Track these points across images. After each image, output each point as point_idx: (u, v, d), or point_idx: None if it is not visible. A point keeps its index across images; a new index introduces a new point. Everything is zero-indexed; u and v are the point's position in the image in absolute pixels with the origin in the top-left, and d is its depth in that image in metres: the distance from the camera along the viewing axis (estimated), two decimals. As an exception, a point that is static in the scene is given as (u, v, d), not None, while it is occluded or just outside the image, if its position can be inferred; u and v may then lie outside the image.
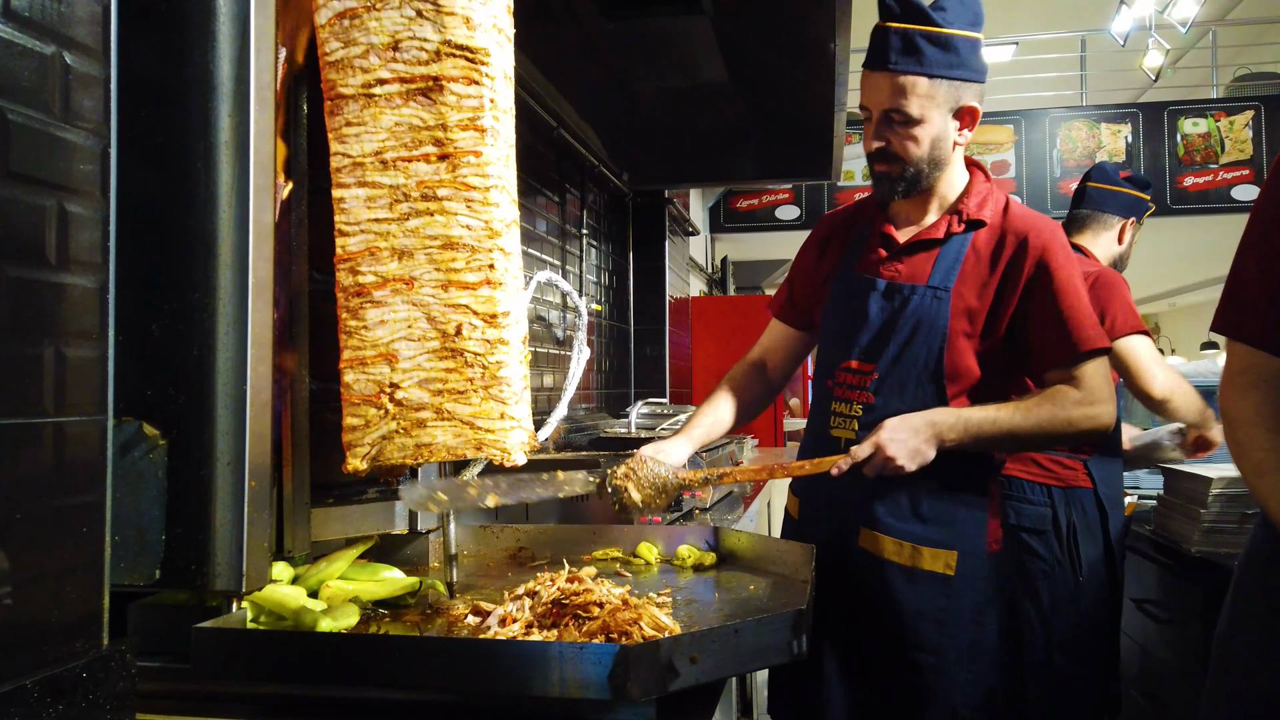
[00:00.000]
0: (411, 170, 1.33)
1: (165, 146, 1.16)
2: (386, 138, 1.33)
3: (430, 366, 1.34)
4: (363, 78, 1.32)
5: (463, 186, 1.35)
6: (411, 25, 1.33)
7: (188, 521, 1.14)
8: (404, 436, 1.34)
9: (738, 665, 1.10)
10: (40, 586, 0.89)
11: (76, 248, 0.94)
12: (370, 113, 1.33)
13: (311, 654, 1.11)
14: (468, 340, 1.34)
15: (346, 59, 1.32)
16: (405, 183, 1.33)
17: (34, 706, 0.86)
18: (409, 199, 1.33)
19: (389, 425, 1.33)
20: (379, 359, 1.33)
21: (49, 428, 0.90)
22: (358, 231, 1.33)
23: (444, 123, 1.34)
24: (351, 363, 1.33)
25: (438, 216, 1.34)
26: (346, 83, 1.32)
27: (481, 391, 1.35)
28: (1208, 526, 2.33)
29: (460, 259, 1.34)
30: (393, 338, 1.33)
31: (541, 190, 3.68)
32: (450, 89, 1.33)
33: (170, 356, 1.15)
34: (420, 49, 1.33)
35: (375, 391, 1.33)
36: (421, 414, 1.34)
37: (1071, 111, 7.98)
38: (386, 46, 1.32)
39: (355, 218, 1.33)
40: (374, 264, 1.33)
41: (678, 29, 3.02)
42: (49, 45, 0.91)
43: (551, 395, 3.55)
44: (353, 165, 1.33)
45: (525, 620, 1.24)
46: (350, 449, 1.35)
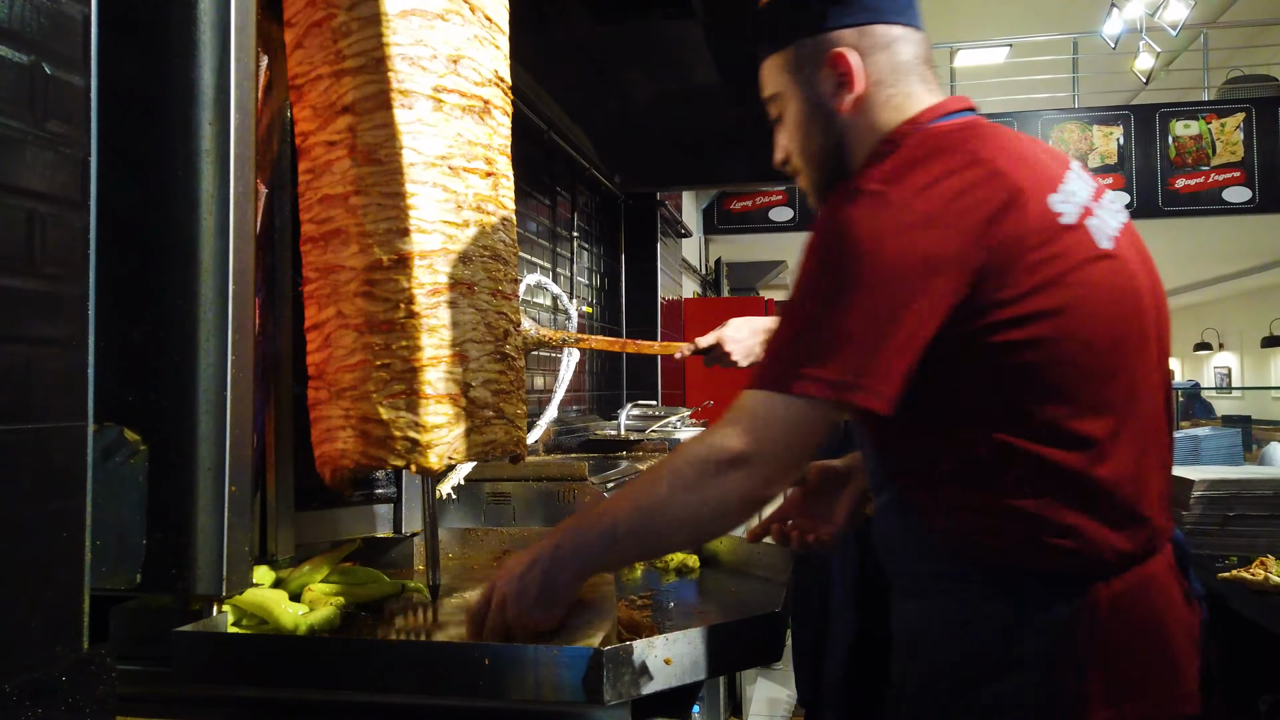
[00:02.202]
0: (469, 181, 1.40)
1: (146, 154, 1.16)
2: (452, 145, 1.37)
3: (490, 368, 1.41)
4: (434, 80, 1.36)
5: (501, 205, 1.47)
6: (470, 45, 1.41)
7: (169, 526, 1.15)
8: (475, 434, 1.38)
9: (712, 668, 1.11)
10: (20, 590, 0.89)
11: (57, 255, 0.95)
12: (439, 116, 1.36)
13: (292, 657, 1.12)
14: (509, 345, 1.45)
15: (417, 58, 1.34)
16: (464, 192, 1.39)
17: (13, 710, 0.87)
18: (468, 207, 1.40)
19: (465, 423, 1.37)
20: (455, 358, 1.36)
21: (30, 433, 0.91)
22: (433, 230, 1.35)
23: (489, 144, 1.44)
24: (434, 360, 1.33)
25: (486, 229, 1.43)
26: (417, 80, 1.34)
27: (517, 393, 1.47)
28: (1190, 528, 2.35)
29: (502, 271, 1.45)
30: (464, 338, 1.37)
31: (532, 193, 3.69)
32: (493, 114, 1.45)
33: (151, 362, 1.16)
34: (475, 70, 1.41)
35: (457, 390, 1.35)
36: (486, 412, 1.39)
37: (1063, 113, 8.01)
38: (450, 59, 1.38)
39: (429, 216, 1.34)
40: (446, 265, 1.36)
41: (668, 32, 3.04)
42: (28, 55, 0.92)
43: (542, 397, 3.56)
44: (426, 165, 1.34)
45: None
46: (430, 448, 1.32)
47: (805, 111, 1.24)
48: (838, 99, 1.21)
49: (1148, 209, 7.78)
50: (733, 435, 1.05)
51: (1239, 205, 7.70)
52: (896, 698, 1.19)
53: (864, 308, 1.01)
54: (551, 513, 2.15)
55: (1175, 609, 1.15)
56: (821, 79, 1.21)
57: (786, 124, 1.27)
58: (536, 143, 3.70)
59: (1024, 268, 1.04)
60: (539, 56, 3.16)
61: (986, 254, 1.03)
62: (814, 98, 1.22)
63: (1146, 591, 1.12)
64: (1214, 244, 9.60)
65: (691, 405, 4.63)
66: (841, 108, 1.20)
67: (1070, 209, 1.10)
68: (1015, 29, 9.19)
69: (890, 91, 1.20)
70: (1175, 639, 1.14)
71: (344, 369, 1.33)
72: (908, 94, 1.21)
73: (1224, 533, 2.31)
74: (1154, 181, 7.76)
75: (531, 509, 2.12)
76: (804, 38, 1.22)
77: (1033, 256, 1.05)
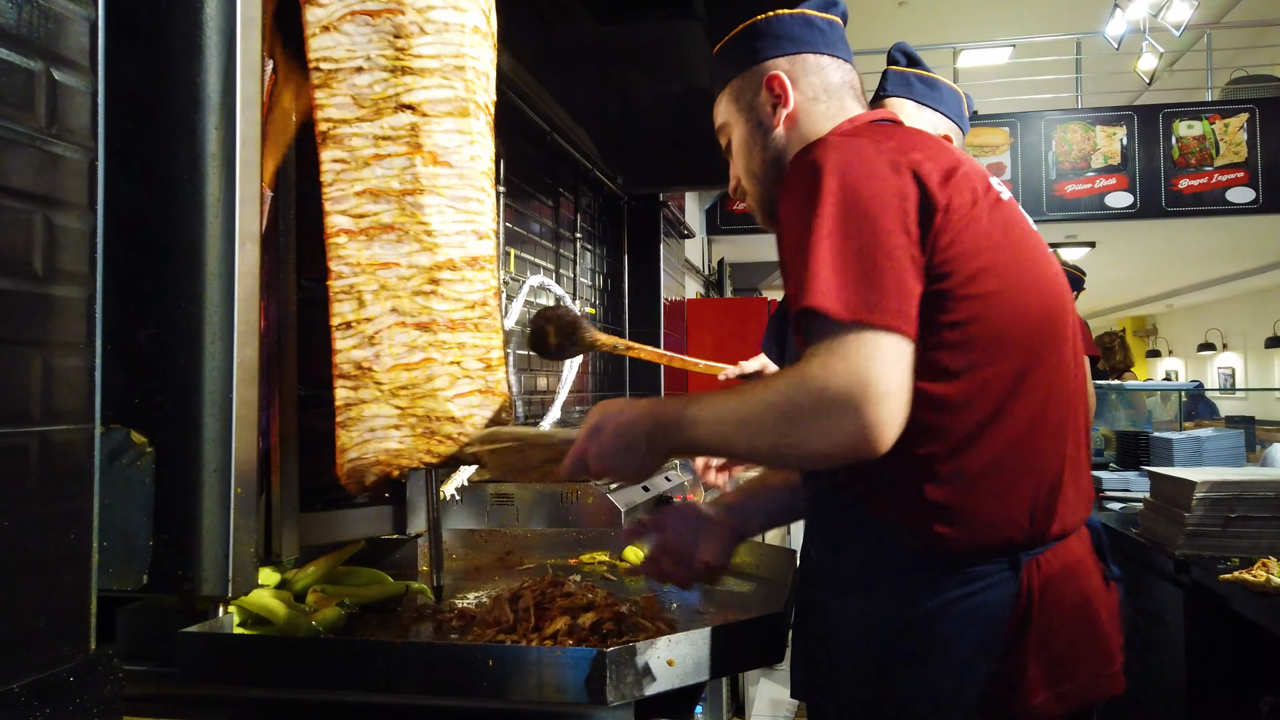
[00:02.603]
0: (493, 194, 1.46)
1: (152, 158, 1.17)
2: (490, 158, 1.43)
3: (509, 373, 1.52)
4: (485, 97, 1.40)
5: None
6: (492, 69, 1.45)
7: (175, 527, 1.16)
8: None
9: (715, 669, 1.11)
10: (28, 591, 0.90)
11: (64, 259, 0.96)
12: (487, 130, 1.42)
13: (297, 658, 1.13)
14: None
15: (479, 71, 1.40)
16: (491, 204, 1.45)
17: (21, 710, 0.87)
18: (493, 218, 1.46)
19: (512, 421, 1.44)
20: (504, 361, 1.43)
21: (37, 435, 0.92)
22: (492, 236, 1.42)
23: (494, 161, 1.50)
24: (500, 361, 1.41)
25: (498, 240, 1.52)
26: (479, 93, 1.39)
27: None
28: (1191, 530, 2.35)
29: None
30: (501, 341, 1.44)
31: (534, 194, 3.69)
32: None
33: (157, 365, 1.17)
34: (492, 93, 1.46)
35: (508, 390, 1.43)
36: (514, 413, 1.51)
37: (1067, 114, 8.00)
38: (489, 77, 1.43)
39: (490, 223, 1.42)
40: (497, 270, 1.42)
41: (670, 32, 3.04)
42: (36, 60, 0.93)
43: (545, 398, 3.57)
44: (485, 174, 1.40)
45: (506, 622, 1.25)
46: None
47: (747, 132, 1.35)
48: (775, 117, 1.33)
49: (1151, 209, 7.77)
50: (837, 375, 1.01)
51: (1242, 206, 7.68)
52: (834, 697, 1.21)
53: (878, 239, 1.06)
54: (555, 514, 2.15)
55: (1099, 592, 1.20)
56: (760, 102, 1.34)
57: (734, 149, 1.38)
58: (539, 144, 3.70)
59: (973, 227, 1.10)
60: (541, 57, 3.16)
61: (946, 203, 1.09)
62: (754, 119, 1.35)
63: (1076, 574, 1.17)
64: (1217, 244, 9.58)
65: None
66: (778, 123, 1.33)
67: (1002, 190, 1.20)
68: (1018, 29, 9.18)
69: (824, 106, 1.33)
70: (1102, 619, 1.19)
71: (401, 367, 1.33)
72: (840, 107, 1.33)
73: (1226, 534, 2.31)
74: (1157, 182, 7.75)
75: (535, 510, 2.12)
76: (744, 70, 1.36)
77: (984, 219, 1.11)
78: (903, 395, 1.02)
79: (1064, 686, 1.12)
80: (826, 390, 1.01)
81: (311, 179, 1.45)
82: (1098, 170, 7.80)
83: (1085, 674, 1.15)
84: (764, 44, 1.35)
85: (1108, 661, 1.18)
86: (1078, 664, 1.14)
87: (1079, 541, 1.20)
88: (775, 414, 1.04)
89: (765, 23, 1.36)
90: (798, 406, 1.03)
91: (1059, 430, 1.16)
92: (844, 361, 1.01)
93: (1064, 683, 1.12)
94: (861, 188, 1.08)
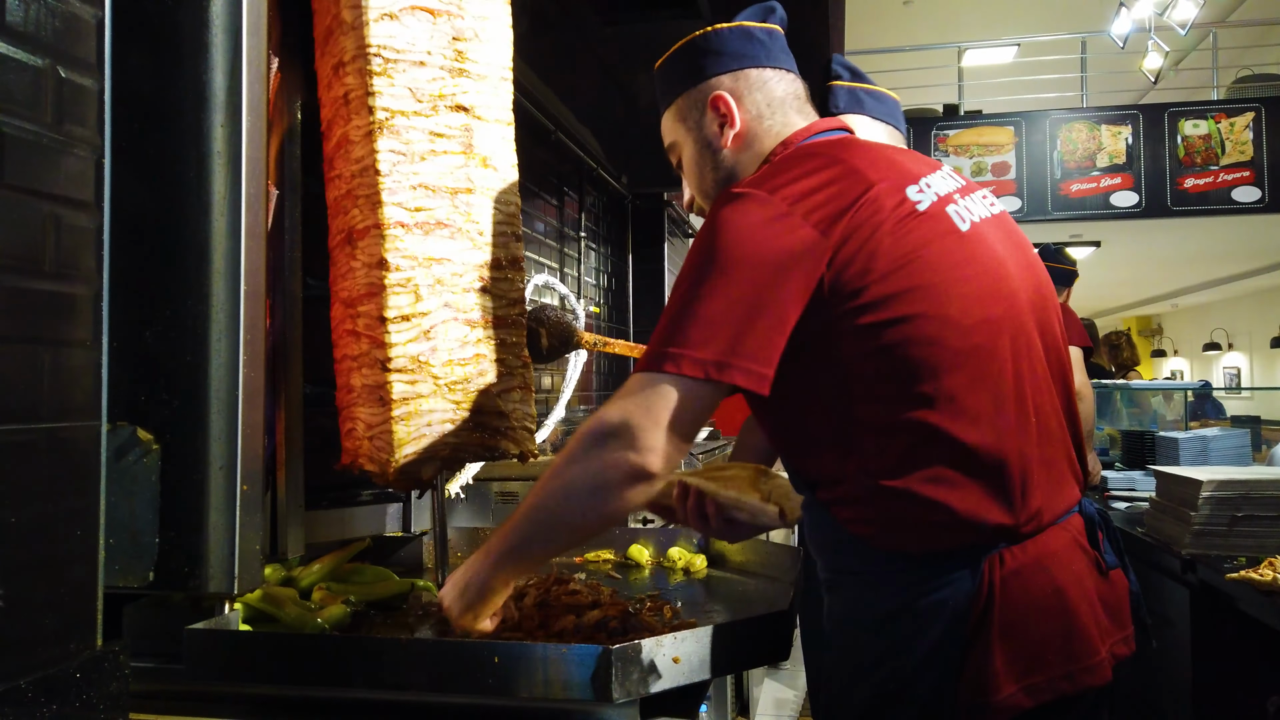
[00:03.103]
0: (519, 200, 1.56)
1: (158, 157, 1.17)
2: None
3: None
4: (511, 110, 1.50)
5: None
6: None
7: (181, 525, 1.16)
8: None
9: (720, 666, 1.11)
10: (35, 588, 0.90)
11: (71, 256, 0.96)
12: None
13: (302, 655, 1.13)
14: None
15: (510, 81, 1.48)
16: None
17: (28, 706, 0.88)
18: None
19: None
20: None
21: (44, 433, 0.92)
22: (523, 238, 1.50)
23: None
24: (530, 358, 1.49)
25: None
26: (509, 102, 1.48)
27: None
28: (1198, 529, 2.34)
29: None
30: None
31: (539, 193, 3.70)
32: None
33: (164, 362, 1.17)
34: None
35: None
36: None
37: (1072, 113, 7.98)
38: None
39: (522, 225, 1.49)
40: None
41: (675, 33, 3.04)
42: (43, 58, 0.93)
43: (550, 397, 3.57)
44: (517, 181, 1.50)
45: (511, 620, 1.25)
46: (536, 436, 1.49)
47: (697, 152, 1.37)
48: (723, 137, 1.34)
49: (1156, 209, 7.75)
50: (613, 410, 1.10)
51: (1248, 205, 7.66)
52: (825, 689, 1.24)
53: (734, 294, 1.10)
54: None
55: (1080, 582, 1.18)
56: (707, 122, 1.35)
57: (685, 168, 1.40)
58: (544, 143, 3.70)
59: (881, 252, 1.11)
60: (546, 57, 3.17)
61: (842, 241, 1.11)
62: (702, 139, 1.36)
63: (1045, 567, 1.15)
64: (1223, 244, 9.56)
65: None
66: (726, 144, 1.34)
67: (926, 197, 1.18)
68: (1023, 28, 9.16)
69: (769, 123, 1.34)
70: (1079, 612, 1.16)
71: (456, 362, 1.36)
72: (784, 123, 1.34)
73: (1233, 533, 2.30)
74: (1163, 181, 7.72)
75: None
76: (688, 88, 1.36)
77: (887, 241, 1.12)
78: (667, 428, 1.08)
79: (1034, 679, 1.12)
80: (599, 423, 1.10)
81: (317, 177, 1.46)
82: (1103, 169, 7.78)
83: (1058, 667, 1.13)
84: (706, 61, 1.35)
85: (1087, 653, 1.15)
86: (1049, 657, 1.13)
87: (1061, 532, 1.18)
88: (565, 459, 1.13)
89: (705, 39, 1.36)
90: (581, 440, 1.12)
91: (1018, 430, 1.14)
92: (619, 401, 1.11)
93: (1034, 675, 1.12)
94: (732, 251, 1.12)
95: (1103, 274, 11.62)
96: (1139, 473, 3.50)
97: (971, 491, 1.12)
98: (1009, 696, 1.11)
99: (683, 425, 1.09)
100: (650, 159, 4.55)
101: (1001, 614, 1.12)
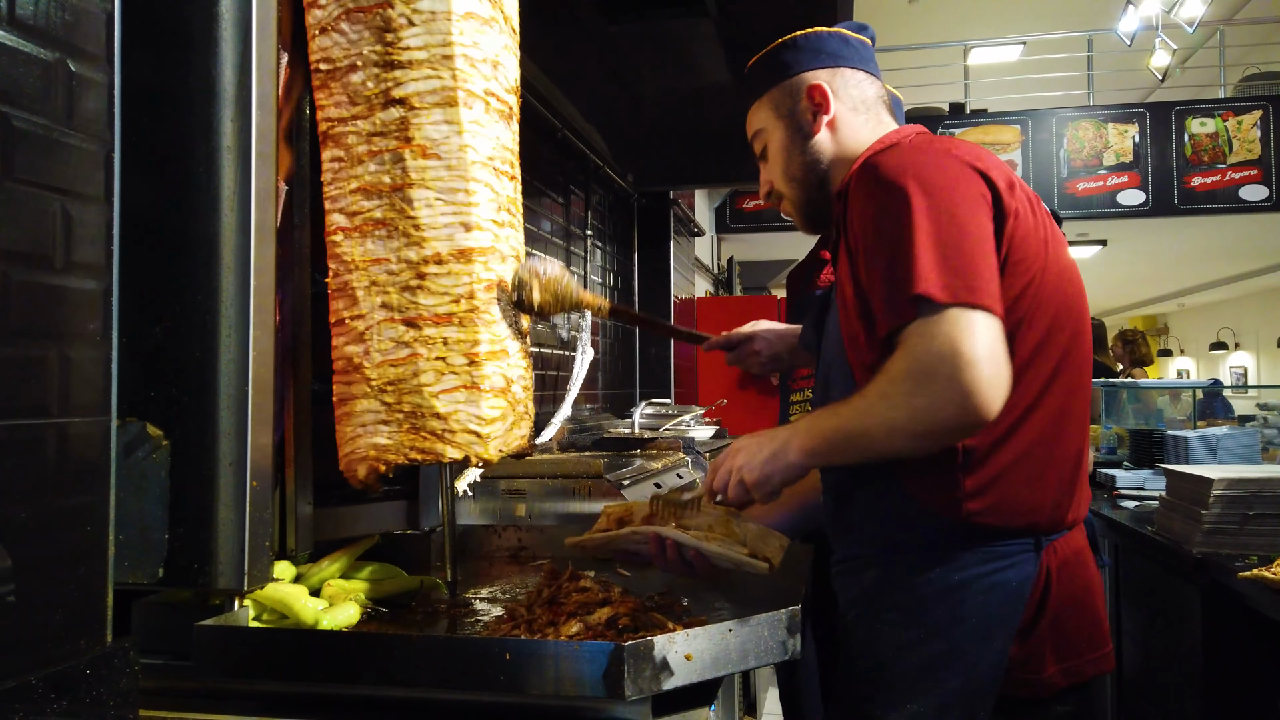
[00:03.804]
0: (503, 184, 1.42)
1: (168, 151, 1.17)
2: (494, 147, 1.40)
3: (522, 365, 1.44)
4: (483, 84, 1.37)
5: (519, 209, 1.49)
6: (504, 54, 1.43)
7: (190, 521, 1.16)
8: (516, 428, 1.42)
9: (733, 663, 1.11)
10: (44, 584, 0.90)
11: (80, 251, 0.96)
12: (489, 118, 1.39)
13: (312, 652, 1.12)
14: (528, 345, 1.48)
15: (475, 59, 1.36)
16: (502, 194, 1.41)
17: (38, 703, 0.87)
18: (503, 209, 1.42)
19: (511, 417, 1.40)
20: (504, 353, 1.38)
21: (53, 428, 0.92)
22: (487, 228, 1.36)
23: (515, 150, 1.47)
24: (490, 355, 1.35)
25: (514, 230, 1.46)
26: (474, 82, 1.36)
27: (532, 391, 1.50)
28: (1209, 528, 2.33)
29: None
30: (507, 335, 1.40)
31: (546, 191, 3.69)
32: (514, 122, 1.47)
33: (173, 358, 1.17)
34: (507, 79, 1.44)
35: (505, 385, 1.38)
36: (519, 408, 1.43)
37: (1078, 111, 7.96)
38: (493, 64, 1.40)
39: (485, 214, 1.36)
40: (495, 262, 1.38)
41: (681, 30, 3.04)
42: (53, 52, 0.93)
43: (556, 396, 3.56)
44: (481, 164, 1.36)
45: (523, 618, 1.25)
46: (490, 440, 1.34)
47: (787, 138, 1.43)
48: (816, 123, 1.41)
49: (1164, 207, 7.73)
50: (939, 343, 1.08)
51: (1256, 203, 7.64)
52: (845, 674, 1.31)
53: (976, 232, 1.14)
54: (567, 509, 2.15)
55: (1097, 579, 1.32)
56: (800, 110, 1.42)
57: (770, 155, 1.46)
58: (550, 141, 3.70)
59: (1029, 229, 1.19)
60: (553, 55, 3.16)
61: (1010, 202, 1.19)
62: (794, 125, 1.43)
63: (1082, 561, 1.28)
64: (1230, 242, 9.53)
65: (704, 404, 4.63)
66: (818, 130, 1.41)
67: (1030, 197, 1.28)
68: (1029, 26, 9.14)
69: (863, 118, 1.41)
70: (1099, 604, 1.31)
71: (389, 363, 1.33)
72: (879, 121, 1.42)
73: (1244, 532, 2.29)
74: (1170, 179, 7.70)
75: (547, 506, 2.12)
76: (782, 80, 1.44)
77: (1031, 219, 1.20)
78: (996, 362, 1.08)
79: (1069, 663, 1.25)
80: (920, 363, 1.09)
81: (326, 173, 1.45)
82: (1110, 168, 7.76)
83: (1087, 652, 1.26)
84: (803, 57, 1.44)
85: (1102, 642, 1.29)
86: (1080, 643, 1.26)
87: (1079, 532, 1.31)
88: (884, 401, 1.12)
89: (805, 38, 1.45)
90: (899, 383, 1.11)
91: (1080, 422, 1.26)
92: (934, 338, 1.09)
93: (1069, 659, 1.25)
94: (947, 189, 1.16)
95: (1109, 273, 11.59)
96: (1148, 471, 3.48)
97: (1053, 479, 1.21)
98: (1050, 676, 1.23)
99: (1007, 362, 1.10)
100: (656, 157, 4.54)
101: (1056, 599, 1.22)
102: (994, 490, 1.19)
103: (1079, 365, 1.26)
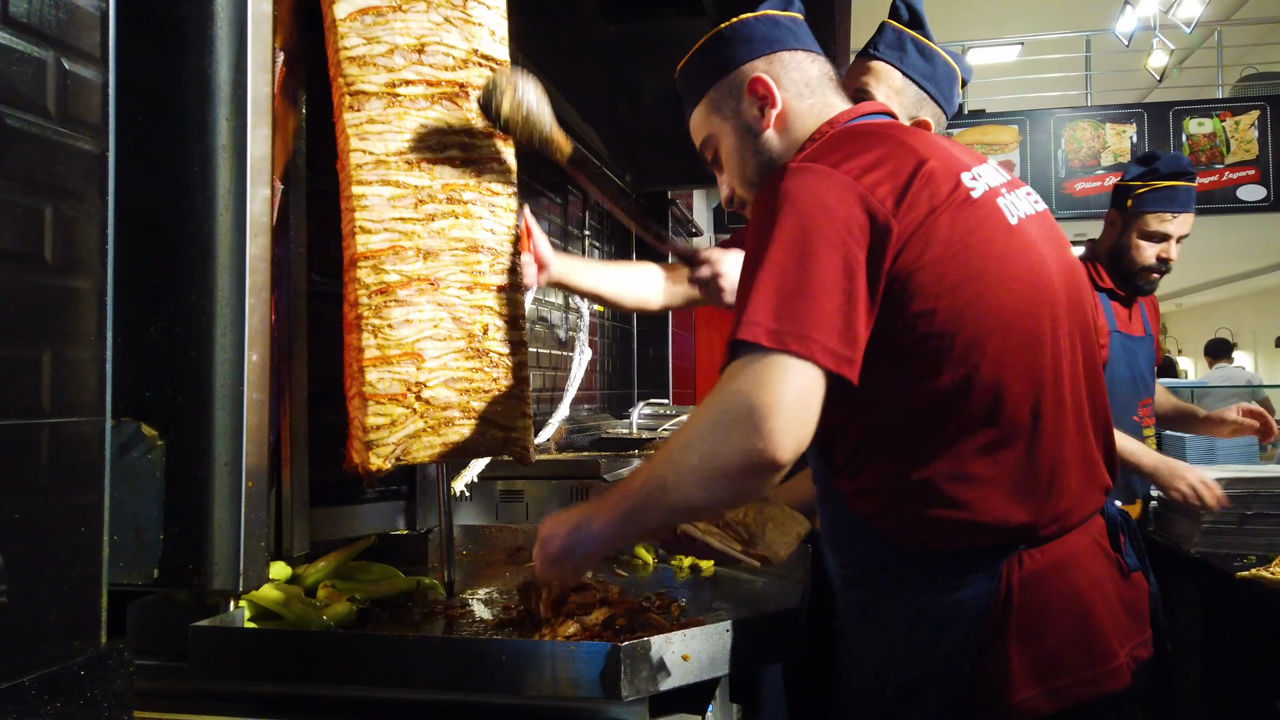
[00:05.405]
0: (436, 172, 1.36)
1: (163, 150, 1.17)
2: (411, 139, 1.35)
3: (456, 366, 1.36)
4: (387, 76, 1.34)
5: (487, 191, 1.41)
6: (439, 30, 1.37)
7: (186, 521, 1.15)
8: (431, 435, 1.35)
9: (730, 664, 1.10)
10: (39, 585, 0.89)
11: (75, 250, 0.95)
12: (395, 112, 1.34)
13: (308, 653, 1.12)
14: (492, 341, 1.40)
15: (368, 56, 1.33)
16: (430, 184, 1.36)
17: (32, 704, 0.87)
18: (434, 200, 1.36)
19: (416, 424, 1.33)
20: (405, 358, 1.32)
21: (48, 428, 0.91)
22: (381, 229, 1.32)
23: (470, 128, 1.39)
24: (375, 361, 1.31)
25: (462, 219, 1.38)
26: (368, 79, 1.33)
27: (505, 391, 1.41)
28: (1208, 528, 2.33)
29: (484, 262, 1.40)
30: (418, 337, 1.33)
31: (543, 192, 3.69)
32: (471, 96, 1.39)
33: (168, 357, 1.16)
34: (447, 55, 1.38)
35: (402, 390, 1.32)
36: (448, 413, 1.36)
37: (1076, 112, 7.97)
38: (412, 49, 1.35)
39: (379, 215, 1.32)
40: (398, 263, 1.33)
41: (679, 30, 3.03)
42: (47, 50, 0.92)
43: (554, 396, 3.56)
44: (375, 163, 1.33)
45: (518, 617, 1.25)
46: (374, 447, 1.31)
47: (736, 140, 1.32)
48: (763, 119, 1.30)
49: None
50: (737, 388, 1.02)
51: (1253, 204, 7.65)
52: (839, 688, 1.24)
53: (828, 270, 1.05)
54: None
55: (1100, 585, 1.16)
56: (745, 107, 1.31)
57: (723, 160, 1.35)
58: (548, 141, 3.69)
59: (936, 236, 1.08)
60: (550, 55, 3.15)
61: (898, 222, 1.08)
62: (741, 125, 1.32)
63: (1065, 569, 1.13)
64: (1228, 242, 9.53)
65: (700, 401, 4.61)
66: (767, 125, 1.30)
67: (979, 186, 1.16)
68: (1027, 27, 9.15)
69: (810, 102, 1.30)
70: (1099, 615, 1.15)
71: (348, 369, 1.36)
72: (825, 103, 1.31)
73: (1242, 531, 2.29)
74: (1168, 180, 7.70)
75: (545, 506, 2.12)
76: (720, 79, 1.33)
77: (944, 224, 1.09)
78: (796, 410, 1.00)
79: (1055, 684, 1.10)
80: (719, 405, 1.03)
81: (322, 172, 1.45)
82: (1107, 168, 7.76)
83: (1079, 671, 1.12)
84: (736, 50, 1.32)
85: (1105, 657, 1.13)
86: (1068, 661, 1.11)
87: (1082, 534, 1.17)
88: (680, 446, 1.06)
89: (731, 29, 1.33)
90: (695, 427, 1.05)
91: (1054, 430, 1.13)
92: (739, 380, 1.02)
93: (1054, 680, 1.10)
94: (814, 217, 1.07)
95: (1107, 273, 11.58)
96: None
97: (996, 490, 1.10)
98: (1027, 700, 1.09)
99: (811, 414, 1.02)
100: (654, 157, 4.54)
101: (1019, 617, 1.10)
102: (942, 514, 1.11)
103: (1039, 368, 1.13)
